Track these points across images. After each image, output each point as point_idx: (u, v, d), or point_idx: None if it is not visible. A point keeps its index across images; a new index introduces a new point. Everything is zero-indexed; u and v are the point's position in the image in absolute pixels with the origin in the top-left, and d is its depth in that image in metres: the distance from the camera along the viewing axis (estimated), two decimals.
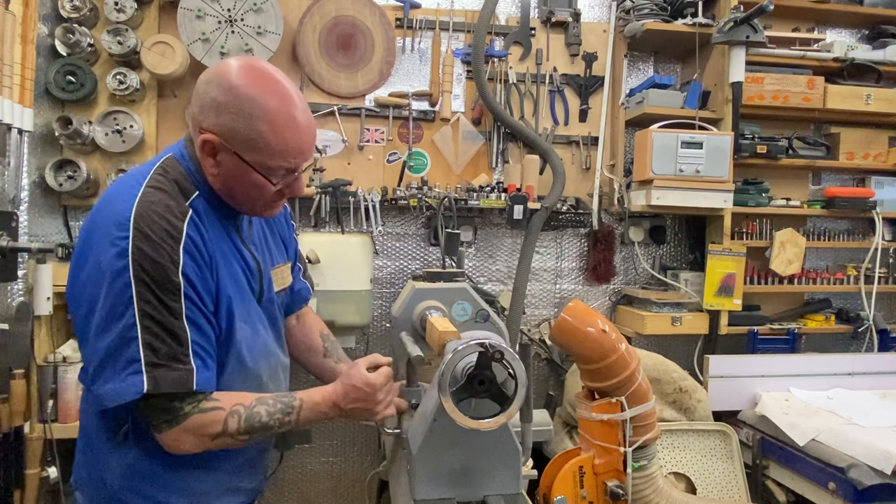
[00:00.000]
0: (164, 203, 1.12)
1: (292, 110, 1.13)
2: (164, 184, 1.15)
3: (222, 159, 1.16)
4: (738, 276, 2.58)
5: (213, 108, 1.12)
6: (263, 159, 1.15)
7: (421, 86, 2.68)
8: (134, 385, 1.07)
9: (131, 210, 1.09)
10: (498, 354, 1.11)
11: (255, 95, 1.11)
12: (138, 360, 1.07)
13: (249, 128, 1.11)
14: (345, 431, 2.70)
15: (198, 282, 1.13)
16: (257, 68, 1.13)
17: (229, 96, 1.11)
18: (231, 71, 1.12)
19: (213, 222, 1.21)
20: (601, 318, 1.66)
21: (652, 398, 1.68)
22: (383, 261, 2.70)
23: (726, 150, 2.47)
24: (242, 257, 1.28)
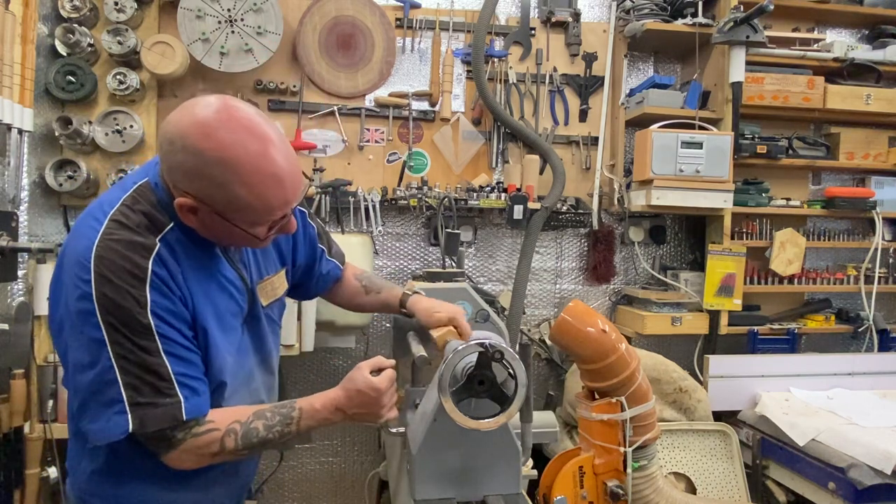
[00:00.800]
0: (126, 241, 1.05)
1: (268, 165, 1.03)
2: (130, 217, 1.07)
3: (203, 217, 1.09)
4: (738, 276, 2.58)
5: (181, 174, 1.04)
6: (247, 218, 1.08)
7: (421, 86, 2.68)
8: (119, 425, 1.05)
9: (91, 250, 1.03)
10: (498, 354, 1.11)
11: (226, 159, 1.00)
12: (121, 400, 1.04)
13: (227, 193, 1.03)
14: (345, 431, 2.70)
15: (170, 316, 1.08)
16: (221, 122, 1.01)
17: (198, 162, 1.01)
18: (193, 131, 1.00)
19: (191, 252, 1.14)
20: (601, 318, 1.66)
21: (652, 398, 1.68)
22: (383, 261, 2.70)
23: (726, 150, 2.47)
24: (229, 281, 1.22)
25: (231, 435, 1.14)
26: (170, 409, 1.07)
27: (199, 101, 1.04)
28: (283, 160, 1.05)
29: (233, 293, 1.23)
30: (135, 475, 1.21)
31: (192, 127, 1.01)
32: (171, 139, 1.03)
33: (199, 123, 1.01)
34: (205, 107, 1.02)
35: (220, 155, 1.00)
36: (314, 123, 2.58)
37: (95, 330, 1.03)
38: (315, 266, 1.53)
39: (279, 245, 1.40)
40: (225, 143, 1.00)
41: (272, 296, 1.37)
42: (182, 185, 1.05)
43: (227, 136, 1.00)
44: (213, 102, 1.03)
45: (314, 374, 2.67)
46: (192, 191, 1.05)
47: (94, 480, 1.22)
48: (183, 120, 1.02)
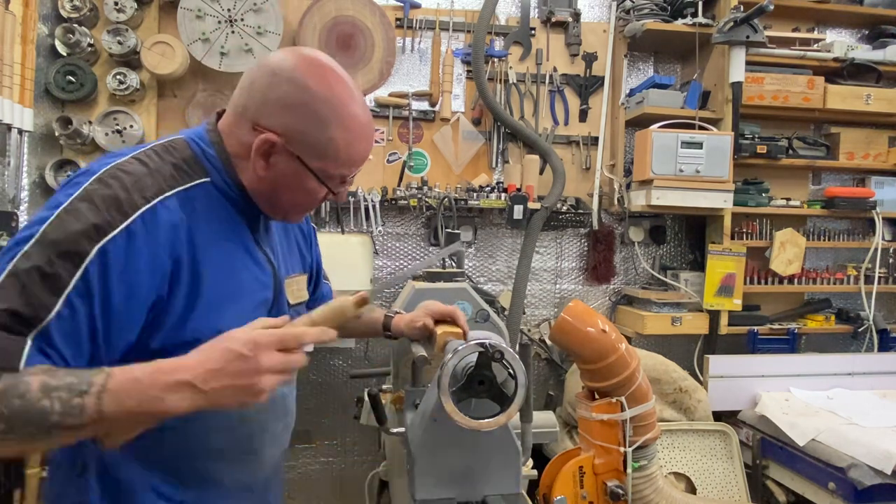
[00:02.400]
0: (137, 176, 0.91)
1: (365, 118, 1.03)
2: (153, 160, 0.96)
3: (277, 162, 1.01)
4: (738, 276, 2.58)
5: (279, 106, 0.98)
6: (327, 166, 1.02)
7: (421, 86, 2.68)
8: None
9: (94, 174, 0.90)
10: (498, 354, 1.11)
11: (332, 98, 0.98)
12: None
13: (322, 133, 0.99)
14: (345, 432, 2.70)
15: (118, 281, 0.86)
16: (329, 67, 1.00)
17: (303, 96, 0.97)
18: (301, 66, 0.98)
19: (218, 216, 1.02)
20: (601, 318, 1.66)
21: (652, 398, 1.68)
22: (383, 261, 2.69)
23: (726, 150, 2.47)
24: (254, 259, 1.07)
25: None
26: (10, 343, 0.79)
27: (302, 47, 1.04)
28: (371, 122, 1.06)
29: (258, 275, 1.08)
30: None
31: (303, 62, 0.99)
32: (274, 70, 0.98)
33: (312, 61, 0.99)
34: (312, 51, 1.02)
35: (330, 93, 0.98)
36: None
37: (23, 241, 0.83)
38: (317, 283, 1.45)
39: (301, 249, 1.32)
40: (334, 84, 0.99)
41: (298, 297, 1.24)
42: (274, 118, 0.98)
43: (335, 80, 0.99)
44: (314, 52, 1.02)
45: (314, 375, 2.67)
46: (283, 127, 0.98)
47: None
48: (290, 57, 1.00)
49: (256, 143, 0.98)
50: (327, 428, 2.69)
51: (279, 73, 0.98)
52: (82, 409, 0.77)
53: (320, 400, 2.68)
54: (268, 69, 0.99)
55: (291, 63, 0.98)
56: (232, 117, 1.04)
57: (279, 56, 1.01)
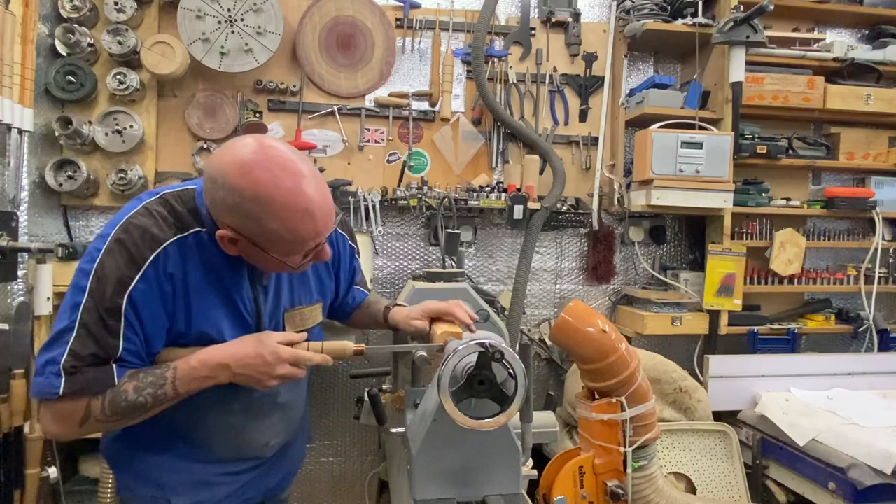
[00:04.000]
0: (144, 228, 1.15)
1: (301, 200, 1.11)
2: (159, 212, 1.18)
3: (241, 245, 1.17)
4: (738, 276, 2.58)
5: (223, 208, 1.13)
6: (282, 251, 1.16)
7: (421, 86, 2.68)
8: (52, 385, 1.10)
9: (116, 224, 1.15)
10: (498, 354, 1.11)
11: (260, 196, 1.09)
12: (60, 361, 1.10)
13: (262, 228, 1.12)
14: (345, 431, 2.70)
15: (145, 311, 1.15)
16: (257, 161, 1.10)
17: (236, 198, 1.10)
18: (231, 170, 1.10)
19: (208, 260, 1.21)
20: (601, 318, 1.66)
21: (652, 398, 1.68)
22: (383, 261, 2.70)
23: (726, 150, 2.47)
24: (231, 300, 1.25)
25: (98, 399, 1.12)
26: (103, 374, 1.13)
27: (237, 141, 1.14)
28: (315, 194, 1.13)
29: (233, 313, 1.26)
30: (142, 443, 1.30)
31: (231, 166, 1.10)
32: (213, 177, 1.13)
33: (237, 163, 1.10)
34: (242, 147, 1.12)
35: (256, 192, 1.09)
36: (314, 123, 2.58)
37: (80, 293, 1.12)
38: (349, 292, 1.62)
39: (321, 277, 1.46)
40: (260, 181, 1.09)
41: (302, 325, 1.40)
42: (224, 218, 1.15)
43: (262, 174, 1.09)
44: (250, 143, 1.12)
45: (314, 374, 2.67)
46: (232, 224, 1.14)
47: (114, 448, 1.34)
48: (224, 159, 1.12)
49: (218, 236, 1.16)
50: (327, 428, 2.69)
51: (216, 179, 1.12)
52: (165, 395, 1.17)
53: (320, 400, 2.68)
54: (209, 175, 1.14)
55: (224, 167, 1.11)
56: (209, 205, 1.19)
57: (217, 157, 1.14)
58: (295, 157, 1.13)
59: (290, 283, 1.37)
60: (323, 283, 1.47)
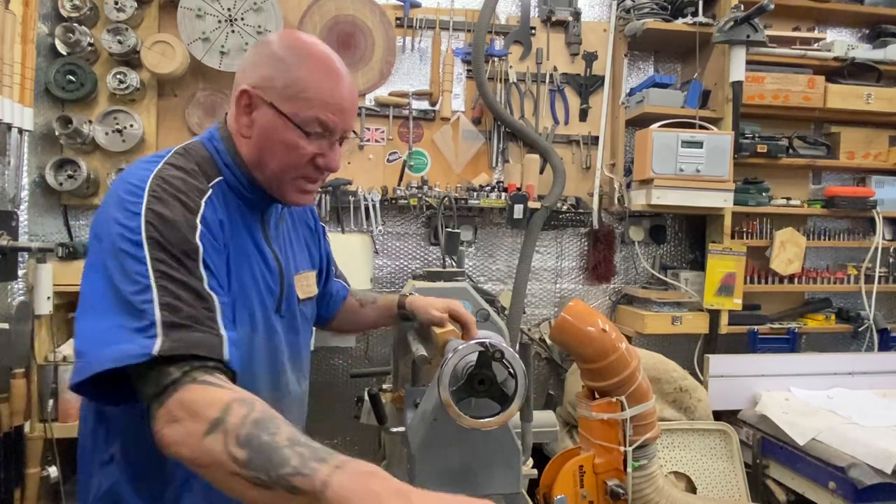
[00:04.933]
0: (181, 178, 1.01)
1: (334, 64, 1.10)
2: (184, 163, 1.05)
3: (257, 116, 1.08)
4: (738, 276, 2.58)
5: (252, 65, 1.09)
6: (299, 108, 1.07)
7: (421, 85, 2.68)
8: (143, 346, 0.84)
9: (146, 179, 0.98)
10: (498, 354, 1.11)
11: (297, 46, 1.09)
12: (153, 322, 0.86)
13: (287, 74, 1.06)
14: (345, 431, 2.70)
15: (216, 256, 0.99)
16: (302, 34, 1.13)
17: (269, 50, 1.09)
18: (279, 36, 1.11)
19: (234, 211, 1.10)
20: (601, 318, 1.66)
21: (652, 397, 1.68)
22: (383, 260, 2.70)
23: (726, 150, 2.47)
24: (262, 256, 1.15)
25: (244, 406, 0.81)
26: (210, 336, 0.89)
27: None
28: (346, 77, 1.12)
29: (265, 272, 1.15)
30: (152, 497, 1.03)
31: (281, 33, 1.12)
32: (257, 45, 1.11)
33: (289, 31, 1.13)
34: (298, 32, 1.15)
35: (294, 44, 1.09)
36: None
37: (137, 249, 0.90)
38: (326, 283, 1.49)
39: (309, 246, 1.37)
40: (300, 40, 1.10)
41: (308, 292, 1.30)
42: (249, 77, 1.09)
43: (303, 37, 1.11)
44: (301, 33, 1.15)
45: (314, 374, 2.67)
46: (256, 78, 1.08)
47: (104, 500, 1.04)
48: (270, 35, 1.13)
49: (235, 96, 1.09)
50: (327, 427, 2.69)
51: (258, 45, 1.11)
52: (314, 473, 0.75)
53: (320, 399, 2.68)
54: (251, 48, 1.13)
55: (271, 36, 1.11)
56: (232, 102, 1.13)
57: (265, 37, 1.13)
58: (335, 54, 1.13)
59: (292, 246, 1.28)
60: (312, 254, 1.38)
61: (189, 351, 0.86)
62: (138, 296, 0.87)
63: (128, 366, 0.84)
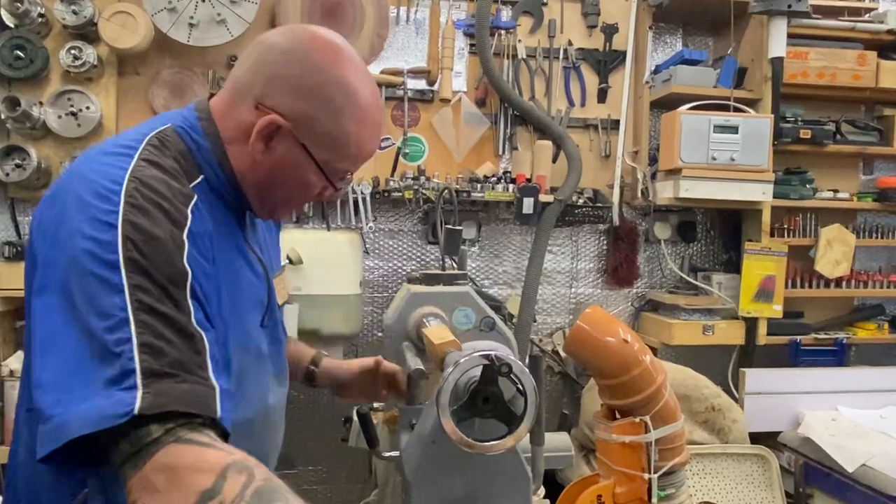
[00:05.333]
0: (163, 180, 0.94)
1: (378, 113, 1.10)
2: (162, 160, 0.97)
3: (278, 147, 1.03)
4: (778, 279, 2.58)
5: (290, 87, 1.01)
6: (334, 160, 1.06)
7: (417, 62, 2.68)
8: (121, 403, 0.76)
9: (121, 180, 0.90)
10: (505, 368, 1.11)
11: (349, 86, 1.02)
12: (132, 370, 0.79)
13: (334, 123, 1.03)
14: (332, 456, 2.70)
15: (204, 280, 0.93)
16: (344, 50, 1.05)
17: (318, 79, 1.01)
18: (317, 47, 1.03)
19: (218, 217, 1.05)
20: (623, 327, 1.66)
21: (680, 418, 1.68)
22: (374, 261, 2.70)
23: (765, 135, 2.47)
24: (249, 264, 1.12)
25: (243, 473, 0.76)
26: (200, 388, 0.82)
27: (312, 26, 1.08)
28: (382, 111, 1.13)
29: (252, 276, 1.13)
30: None
31: (318, 42, 1.03)
32: (285, 48, 1.02)
33: (327, 42, 1.04)
34: (326, 31, 1.06)
35: (347, 82, 1.02)
36: None
37: (111, 271, 0.83)
38: None
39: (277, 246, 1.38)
40: (351, 70, 1.03)
41: (283, 296, 1.31)
42: (282, 100, 1.01)
43: (353, 65, 1.04)
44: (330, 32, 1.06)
45: (296, 391, 2.67)
46: (292, 110, 1.01)
47: None
48: (301, 35, 1.04)
49: (260, 123, 1.01)
50: (311, 451, 2.69)
51: (291, 51, 1.02)
52: None
53: (303, 419, 2.68)
54: (278, 47, 1.03)
55: (305, 42, 1.03)
56: (230, 97, 1.06)
57: (288, 33, 1.06)
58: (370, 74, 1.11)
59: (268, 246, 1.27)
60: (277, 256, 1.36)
61: (175, 408, 0.79)
62: (112, 333, 0.80)
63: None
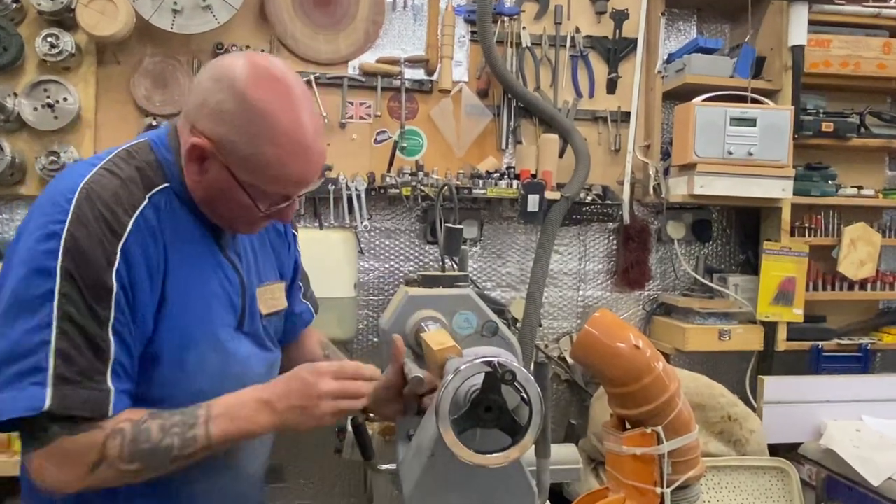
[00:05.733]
0: (113, 190, 1.13)
1: (306, 136, 1.16)
2: (123, 168, 1.16)
3: (210, 168, 1.17)
4: (798, 281, 2.58)
5: (214, 113, 1.14)
6: (259, 183, 1.17)
7: (415, 50, 2.67)
8: (34, 398, 1.03)
9: (75, 189, 1.10)
10: (509, 375, 1.10)
11: (268, 112, 1.12)
12: (44, 368, 1.04)
13: (252, 147, 1.13)
14: (324, 468, 2.70)
15: (130, 290, 1.12)
16: (274, 76, 1.15)
17: (237, 105, 1.12)
18: (243, 74, 1.14)
19: (182, 222, 1.21)
20: (633, 332, 1.66)
21: (695, 428, 1.68)
22: (370, 262, 2.69)
23: (785, 128, 2.47)
24: (220, 267, 1.27)
25: (117, 437, 1.07)
26: (97, 395, 1.07)
27: (254, 53, 1.25)
28: (316, 139, 1.18)
29: (223, 281, 1.26)
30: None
31: (246, 69, 1.14)
32: (218, 76, 1.15)
33: (259, 70, 1.14)
34: (262, 57, 1.19)
35: (264, 106, 1.12)
36: None
37: (48, 276, 1.05)
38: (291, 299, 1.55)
39: (279, 254, 1.48)
40: (273, 95, 1.13)
41: (273, 306, 1.40)
42: (207, 125, 1.14)
43: (278, 88, 1.14)
44: (269, 57, 1.22)
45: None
46: (216, 135, 1.14)
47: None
48: (237, 62, 1.16)
49: (187, 146, 1.16)
50: (303, 464, 2.68)
51: (221, 78, 1.14)
52: (195, 438, 1.11)
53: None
54: (213, 73, 1.17)
55: (237, 69, 1.14)
56: (183, 117, 1.21)
57: (230, 60, 1.18)
58: (305, 99, 1.18)
59: (255, 254, 1.38)
60: (282, 261, 1.49)
61: (73, 412, 1.05)
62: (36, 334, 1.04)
63: None
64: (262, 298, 1.36)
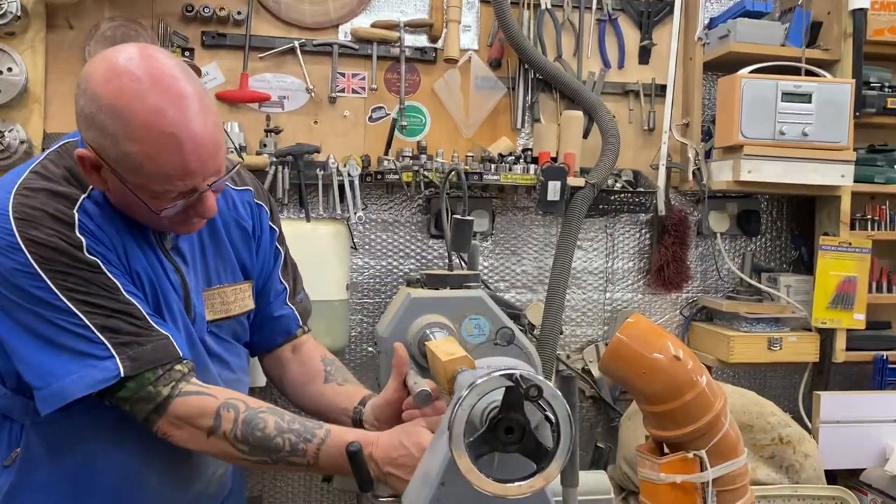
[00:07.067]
0: (46, 189, 1.27)
1: (168, 123, 1.22)
2: (51, 170, 1.31)
3: (106, 177, 1.28)
4: (860, 282, 2.59)
5: (84, 119, 1.25)
6: (144, 183, 1.26)
7: (417, 13, 2.68)
8: (107, 370, 1.24)
9: (8, 200, 1.25)
10: (534, 391, 1.10)
11: (119, 107, 1.21)
12: (100, 342, 1.25)
13: (118, 148, 1.23)
14: (311, 498, 2.70)
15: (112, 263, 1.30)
16: (128, 69, 1.22)
17: (93, 108, 1.22)
18: (97, 73, 1.23)
19: (115, 223, 1.35)
20: (672, 340, 1.66)
21: (743, 452, 1.69)
22: (365, 259, 2.70)
23: (845, 105, 2.47)
24: (161, 267, 1.41)
25: (231, 410, 1.30)
26: (161, 343, 1.30)
27: (118, 47, 1.28)
28: (190, 120, 1.24)
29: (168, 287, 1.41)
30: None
31: (98, 70, 1.24)
32: (80, 80, 1.25)
33: (106, 66, 1.24)
34: (118, 52, 1.26)
35: (114, 102, 1.21)
36: (267, 65, 2.58)
37: (36, 280, 1.23)
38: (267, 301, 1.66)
39: (240, 253, 1.58)
40: (123, 90, 1.21)
41: (223, 311, 1.52)
42: (85, 133, 1.27)
43: (129, 83, 1.21)
44: (130, 48, 1.27)
45: None
46: (92, 141, 1.25)
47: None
48: (94, 62, 1.26)
49: (77, 155, 1.27)
50: (285, 492, 2.69)
51: (81, 82, 1.25)
52: (304, 452, 1.32)
53: None
54: (81, 76, 1.26)
55: (92, 69, 1.25)
56: None
57: (94, 59, 1.28)
58: (179, 74, 1.25)
59: (205, 255, 1.50)
60: (244, 260, 1.59)
61: (152, 365, 1.29)
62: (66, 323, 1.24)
63: None
64: (211, 302, 1.49)
